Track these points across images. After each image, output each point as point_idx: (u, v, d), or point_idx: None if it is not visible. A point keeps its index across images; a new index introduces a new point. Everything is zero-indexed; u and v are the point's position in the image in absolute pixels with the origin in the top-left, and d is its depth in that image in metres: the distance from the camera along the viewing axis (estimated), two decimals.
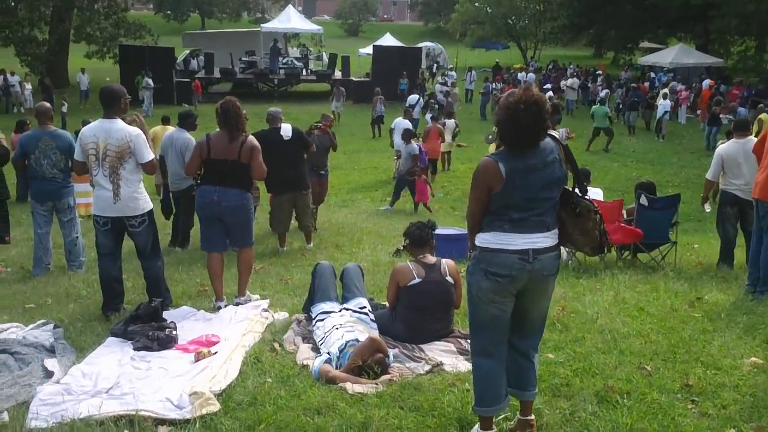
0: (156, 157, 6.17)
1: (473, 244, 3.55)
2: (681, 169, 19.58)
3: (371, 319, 5.27)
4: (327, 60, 36.74)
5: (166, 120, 11.66)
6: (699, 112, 26.55)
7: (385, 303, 5.55)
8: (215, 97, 29.04)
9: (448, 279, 5.20)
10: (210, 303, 6.14)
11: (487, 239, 3.44)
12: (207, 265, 6.20)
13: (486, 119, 28.59)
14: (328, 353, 4.72)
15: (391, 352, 4.78)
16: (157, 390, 4.15)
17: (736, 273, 7.65)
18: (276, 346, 5.06)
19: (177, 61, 33.37)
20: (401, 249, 8.27)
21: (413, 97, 25.67)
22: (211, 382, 4.23)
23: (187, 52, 37.19)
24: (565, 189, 3.54)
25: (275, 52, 34.36)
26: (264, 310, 5.80)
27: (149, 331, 5.08)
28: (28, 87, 29.49)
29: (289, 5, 40.38)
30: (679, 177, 18.46)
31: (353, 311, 5.28)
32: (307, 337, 5.22)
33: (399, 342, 5.08)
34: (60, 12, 34.90)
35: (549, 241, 3.45)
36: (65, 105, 25.75)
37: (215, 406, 3.93)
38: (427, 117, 22.42)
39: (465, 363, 4.65)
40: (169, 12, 63.31)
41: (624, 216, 8.47)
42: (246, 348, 4.92)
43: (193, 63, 35.43)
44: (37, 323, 5.49)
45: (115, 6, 37.64)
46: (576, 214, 3.50)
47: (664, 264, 8.27)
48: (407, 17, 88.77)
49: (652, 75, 33.81)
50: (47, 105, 7.81)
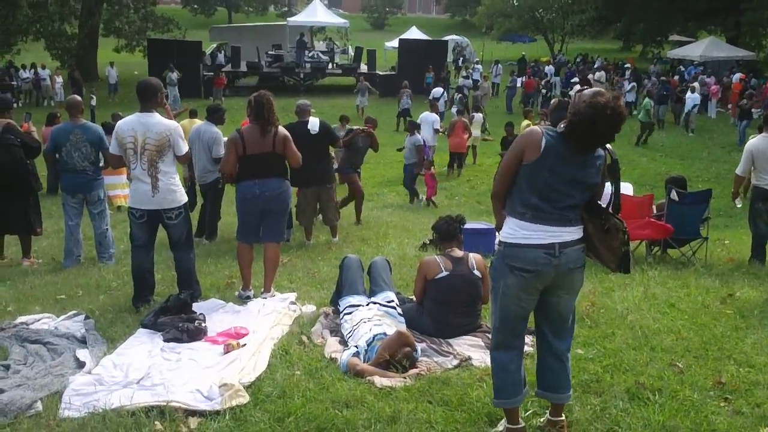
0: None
1: (498, 215, 3.52)
2: (711, 164, 19.32)
3: (399, 313, 5.27)
4: (353, 54, 36.72)
5: (193, 113, 11.75)
6: (729, 106, 26.16)
7: (412, 297, 5.54)
8: (242, 91, 29.43)
9: (475, 273, 5.18)
10: (237, 292, 6.18)
11: (511, 233, 3.40)
12: (238, 254, 6.25)
13: (512, 112, 28.39)
14: (356, 347, 4.72)
15: (419, 346, 4.77)
16: (187, 381, 4.19)
17: None
18: (304, 338, 5.08)
19: (206, 55, 33.55)
20: (427, 243, 8.26)
21: (437, 90, 25.56)
22: (241, 374, 4.25)
23: (214, 46, 37.40)
24: (598, 204, 3.49)
25: (301, 45, 34.40)
26: (292, 303, 5.83)
27: (179, 323, 5.12)
28: (59, 80, 29.88)
29: None
30: (709, 172, 18.23)
31: (381, 305, 5.28)
32: (335, 331, 5.23)
33: (426, 336, 5.07)
34: (90, 6, 35.27)
35: (574, 234, 3.41)
36: (94, 98, 26.01)
37: (245, 397, 3.95)
38: (453, 110, 22.33)
39: None
40: (197, 6, 63.63)
41: (654, 211, 8.37)
42: (274, 340, 4.94)
43: (220, 57, 35.61)
44: (69, 314, 5.56)
45: (144, 0, 37.94)
46: (605, 230, 3.46)
47: (694, 260, 8.17)
48: (433, 10, 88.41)
49: (681, 69, 33.34)
50: (78, 98, 7.90)
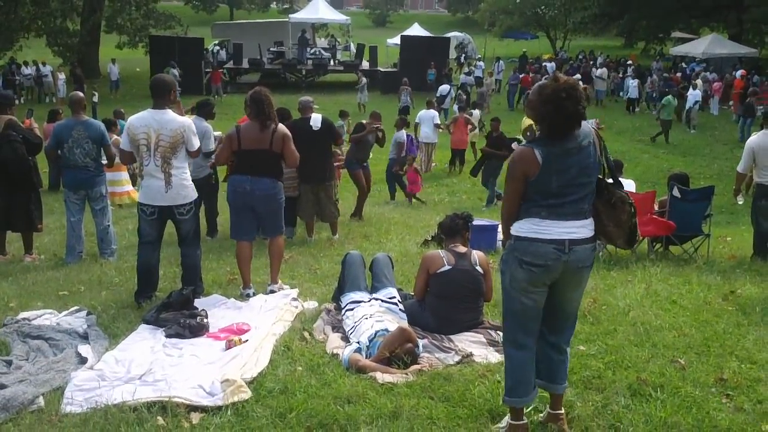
0: None
1: (508, 234, 3.51)
2: (713, 161, 19.30)
3: (401, 309, 5.26)
4: (355, 50, 36.70)
5: (194, 110, 11.73)
6: (731, 103, 26.12)
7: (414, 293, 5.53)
8: (244, 88, 29.36)
9: (477, 268, 5.19)
10: (239, 291, 6.18)
11: (523, 228, 3.40)
12: (236, 253, 6.24)
13: (513, 109, 28.38)
14: (357, 343, 4.73)
15: (421, 342, 4.77)
16: (189, 377, 4.19)
17: None
18: (306, 334, 5.08)
19: (209, 51, 33.56)
20: (429, 239, 8.26)
21: (444, 87, 25.51)
22: (242, 369, 4.26)
23: (216, 42, 37.38)
24: (600, 179, 3.49)
25: (303, 42, 34.41)
26: (293, 299, 5.83)
27: (181, 319, 5.13)
28: (61, 77, 29.88)
29: None
30: (711, 169, 18.20)
31: (383, 301, 5.28)
32: (337, 327, 5.23)
33: (428, 332, 5.07)
34: (91, 3, 35.26)
35: (586, 232, 3.41)
36: (96, 95, 26.01)
37: (247, 393, 3.96)
38: (455, 107, 22.31)
39: (495, 354, 4.64)
40: (198, 3, 63.59)
41: (656, 208, 8.37)
42: (276, 336, 4.95)
43: (222, 53, 35.61)
44: (71, 310, 5.57)
45: None
46: (611, 205, 3.46)
47: (696, 256, 8.16)
48: (435, 7, 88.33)
49: (683, 65, 33.28)
50: (80, 95, 7.90)
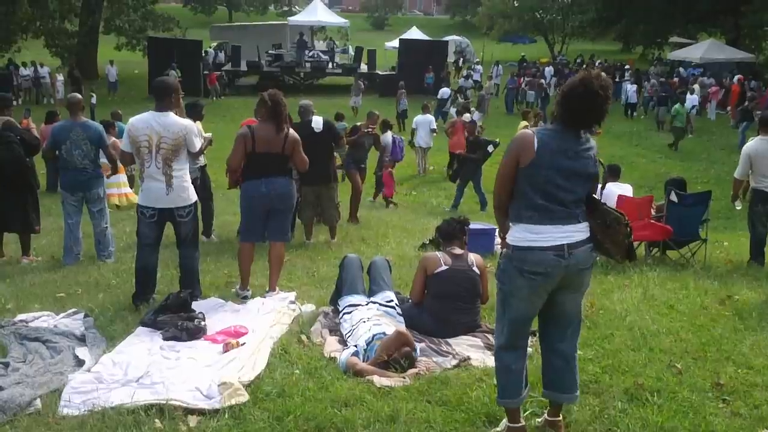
0: None
1: (503, 226, 3.52)
2: (710, 166, 19.35)
3: (398, 313, 5.28)
4: (353, 53, 36.74)
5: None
6: (729, 108, 26.18)
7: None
8: (242, 90, 29.42)
9: (474, 269, 5.22)
10: (234, 290, 6.19)
11: (519, 236, 3.40)
12: (238, 253, 6.24)
13: (512, 113, 28.42)
14: (355, 346, 4.73)
15: (418, 346, 4.78)
16: (187, 380, 4.19)
17: (767, 271, 7.55)
18: (303, 338, 5.09)
19: (209, 53, 33.56)
20: (427, 243, 8.27)
21: (445, 91, 25.52)
22: (240, 372, 4.26)
23: (215, 45, 37.40)
24: (596, 200, 3.51)
25: (301, 45, 34.45)
26: (291, 302, 5.82)
27: (178, 322, 5.12)
28: (60, 78, 29.88)
29: None
30: (709, 173, 18.24)
31: (380, 304, 5.29)
32: (335, 330, 5.23)
33: (426, 336, 5.08)
34: (90, 4, 35.27)
35: (582, 234, 3.41)
36: (94, 96, 26.00)
37: (244, 396, 3.95)
38: (452, 111, 22.34)
39: (492, 358, 4.62)
40: (197, 5, 63.59)
41: (653, 212, 8.38)
42: (273, 339, 4.94)
43: (220, 56, 35.63)
44: (68, 312, 5.56)
45: None
46: (606, 226, 3.47)
47: (693, 261, 8.18)
48: (433, 11, 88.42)
49: (681, 70, 33.36)
50: (79, 96, 7.90)
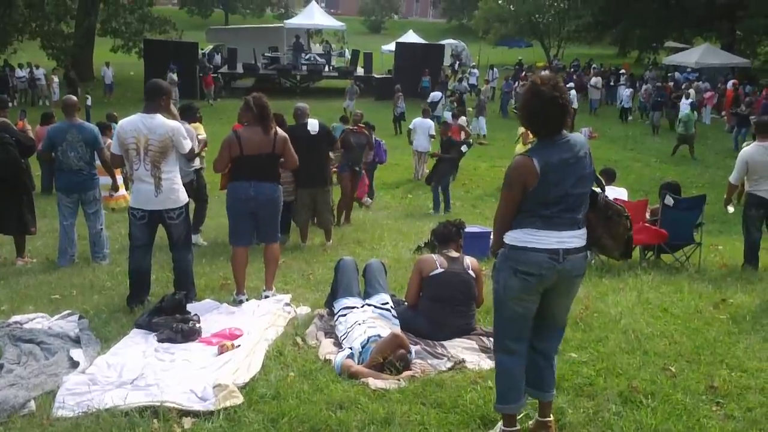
0: None
1: (499, 244, 3.52)
2: (705, 170, 19.41)
3: (393, 315, 5.28)
4: (349, 56, 36.78)
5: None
6: (723, 113, 26.27)
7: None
8: (238, 92, 29.40)
9: (469, 272, 5.24)
10: (232, 297, 6.18)
11: (517, 237, 3.41)
12: (232, 259, 6.23)
13: (507, 116, 28.48)
14: (350, 348, 4.73)
15: (413, 348, 4.78)
16: (181, 382, 4.19)
17: (760, 275, 7.57)
18: (298, 340, 5.09)
19: (205, 56, 33.57)
20: (422, 246, 8.27)
21: (436, 95, 25.56)
22: (235, 374, 4.25)
23: (211, 47, 37.39)
24: (596, 192, 3.51)
25: (298, 47, 34.46)
26: (286, 304, 5.82)
27: (173, 324, 5.11)
28: (56, 80, 29.84)
29: (313, 1, 40.37)
30: (703, 178, 18.30)
31: (375, 307, 5.28)
32: (330, 332, 5.23)
33: (421, 338, 5.08)
34: (86, 6, 35.25)
35: (579, 241, 3.43)
36: (89, 98, 25.98)
37: (239, 398, 3.95)
38: (447, 115, 22.36)
39: (487, 361, 4.64)
40: (194, 7, 63.61)
41: (648, 216, 8.40)
42: (268, 342, 4.94)
43: (217, 58, 35.63)
44: (63, 314, 5.55)
45: (140, 1, 37.92)
46: (607, 217, 3.48)
47: (688, 265, 8.19)
48: (430, 14, 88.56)
49: (677, 75, 33.46)
50: (74, 98, 7.92)
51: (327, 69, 34.99)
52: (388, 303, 5.37)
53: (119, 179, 11.97)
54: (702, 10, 36.53)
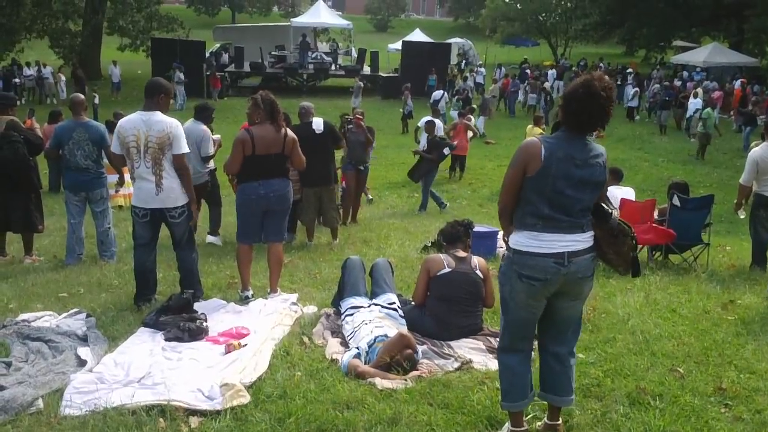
0: None
1: (507, 230, 3.52)
2: (713, 170, 19.33)
3: (400, 315, 5.27)
4: (356, 55, 36.77)
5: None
6: (732, 112, 26.17)
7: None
8: (245, 91, 29.40)
9: (477, 272, 5.22)
10: (238, 294, 6.18)
11: (521, 241, 3.40)
12: (237, 255, 6.24)
13: (514, 115, 28.43)
14: (357, 348, 4.73)
15: (420, 348, 4.77)
16: (188, 380, 4.19)
17: None
18: (305, 339, 5.08)
19: (214, 54, 33.61)
20: (429, 245, 8.26)
21: (437, 93, 25.56)
22: (242, 374, 4.26)
23: (218, 45, 37.42)
24: (601, 206, 3.49)
25: (304, 46, 34.44)
26: (293, 303, 5.83)
27: (180, 322, 5.12)
28: (63, 78, 29.91)
29: (319, 0, 40.36)
30: (711, 178, 18.22)
31: (382, 307, 5.28)
32: (336, 332, 5.23)
33: (428, 338, 5.07)
34: (93, 4, 35.32)
35: (585, 243, 3.41)
36: (97, 97, 26.03)
37: (246, 397, 3.95)
38: (453, 113, 22.34)
39: (494, 362, 4.61)
40: (201, 6, 63.74)
41: (656, 216, 8.37)
42: (275, 341, 4.95)
43: (224, 57, 35.66)
44: (70, 312, 5.57)
45: None
46: (613, 235, 3.46)
47: (696, 265, 8.16)
48: (436, 13, 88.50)
49: (684, 74, 33.34)
50: (81, 96, 7.92)
51: (333, 68, 34.98)
52: (394, 303, 5.36)
53: (126, 177, 12.07)
54: (709, 9, 36.39)
